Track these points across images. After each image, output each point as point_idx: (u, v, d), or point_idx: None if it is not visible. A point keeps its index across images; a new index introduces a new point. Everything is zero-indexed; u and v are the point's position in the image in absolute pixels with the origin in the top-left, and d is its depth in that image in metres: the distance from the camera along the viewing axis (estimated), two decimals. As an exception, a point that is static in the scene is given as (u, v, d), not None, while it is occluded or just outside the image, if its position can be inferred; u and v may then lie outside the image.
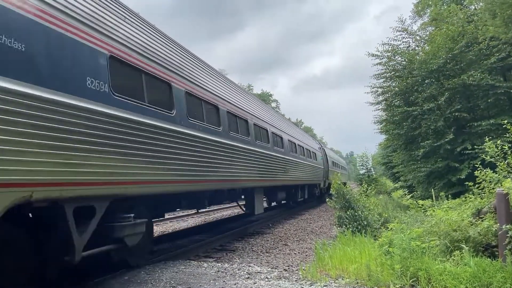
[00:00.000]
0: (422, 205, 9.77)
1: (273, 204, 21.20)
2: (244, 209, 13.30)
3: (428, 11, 17.65)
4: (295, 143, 18.78)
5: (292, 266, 7.99)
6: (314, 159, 23.08)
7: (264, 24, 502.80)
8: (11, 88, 4.00)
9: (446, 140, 13.18)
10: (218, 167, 8.93)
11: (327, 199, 13.20)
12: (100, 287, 6.07)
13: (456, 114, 13.34)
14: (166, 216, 16.29)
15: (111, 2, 6.38)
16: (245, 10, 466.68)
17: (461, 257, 5.84)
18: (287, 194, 18.78)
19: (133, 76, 6.51)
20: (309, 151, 22.46)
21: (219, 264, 7.76)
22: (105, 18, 5.87)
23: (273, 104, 76.64)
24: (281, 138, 16.06)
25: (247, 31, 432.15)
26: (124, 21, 6.49)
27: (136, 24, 6.97)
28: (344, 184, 33.98)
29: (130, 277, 6.64)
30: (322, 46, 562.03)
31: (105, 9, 6.00)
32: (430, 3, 17.42)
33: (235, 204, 15.11)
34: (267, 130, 13.70)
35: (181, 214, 18.34)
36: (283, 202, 20.61)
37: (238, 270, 7.22)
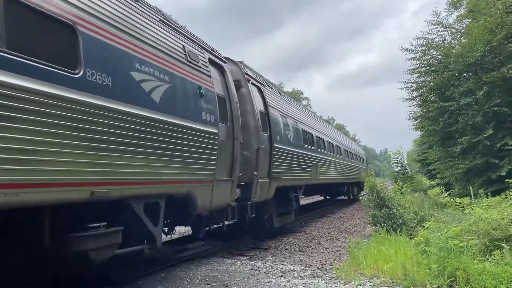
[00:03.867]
0: (460, 203, 9.51)
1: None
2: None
3: (465, 2, 17.04)
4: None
5: (325, 265, 7.95)
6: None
7: (302, 23, 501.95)
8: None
9: (485, 135, 12.73)
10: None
11: (360, 197, 12.96)
12: (140, 283, 6.24)
13: (496, 108, 12.85)
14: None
15: None
16: (283, 9, 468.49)
17: (502, 256, 5.66)
18: None
19: None
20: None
21: (253, 262, 7.83)
22: None
23: (304, 102, 76.14)
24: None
25: (284, 31, 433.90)
26: None
27: None
28: (358, 183, 27.77)
29: (167, 274, 6.81)
30: (359, 43, 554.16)
31: None
32: (467, -6, 16.84)
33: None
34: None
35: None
36: None
37: (272, 268, 7.27)
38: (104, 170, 4.62)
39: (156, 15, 6.53)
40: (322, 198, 27.06)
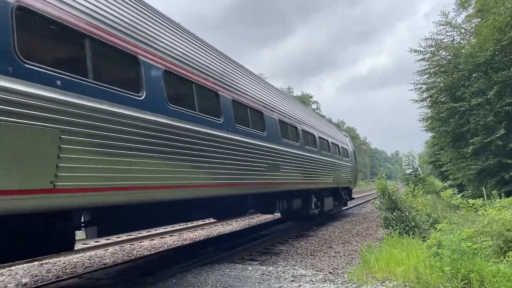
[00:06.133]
0: (473, 204, 9.39)
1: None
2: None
3: (473, 2, 16.89)
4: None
5: (337, 269, 7.89)
6: None
7: (313, 28, 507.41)
8: None
9: (497, 135, 12.57)
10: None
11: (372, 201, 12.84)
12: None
13: (507, 108, 12.69)
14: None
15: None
16: (294, 15, 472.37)
17: (516, 258, 5.56)
18: None
19: None
20: None
21: (264, 267, 7.80)
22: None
23: (314, 106, 76.03)
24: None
25: (295, 36, 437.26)
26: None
27: None
28: (348, 188, 19.06)
29: (178, 280, 6.82)
30: (370, 46, 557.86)
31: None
32: (475, -7, 16.68)
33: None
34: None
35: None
36: None
37: (283, 273, 7.23)
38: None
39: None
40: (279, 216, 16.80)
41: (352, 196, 21.66)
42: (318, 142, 14.05)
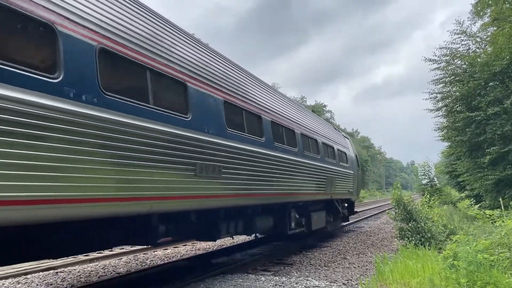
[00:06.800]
0: (490, 215, 9.23)
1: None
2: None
3: (489, 11, 16.75)
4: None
5: (351, 280, 7.81)
6: None
7: (328, 38, 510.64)
8: None
9: (514, 145, 12.40)
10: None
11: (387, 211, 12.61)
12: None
13: (525, 117, 12.53)
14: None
15: None
16: (309, 26, 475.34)
17: (535, 271, 5.44)
18: None
19: None
20: None
21: (277, 278, 7.75)
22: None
23: (327, 115, 75.83)
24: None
25: (310, 46, 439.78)
26: None
27: None
28: (348, 201, 15.18)
29: (190, 290, 6.82)
30: (385, 55, 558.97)
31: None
32: (490, 2, 16.52)
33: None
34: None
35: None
36: None
37: (296, 284, 7.18)
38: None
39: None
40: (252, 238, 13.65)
41: (355, 210, 18.08)
42: (299, 140, 10.59)
